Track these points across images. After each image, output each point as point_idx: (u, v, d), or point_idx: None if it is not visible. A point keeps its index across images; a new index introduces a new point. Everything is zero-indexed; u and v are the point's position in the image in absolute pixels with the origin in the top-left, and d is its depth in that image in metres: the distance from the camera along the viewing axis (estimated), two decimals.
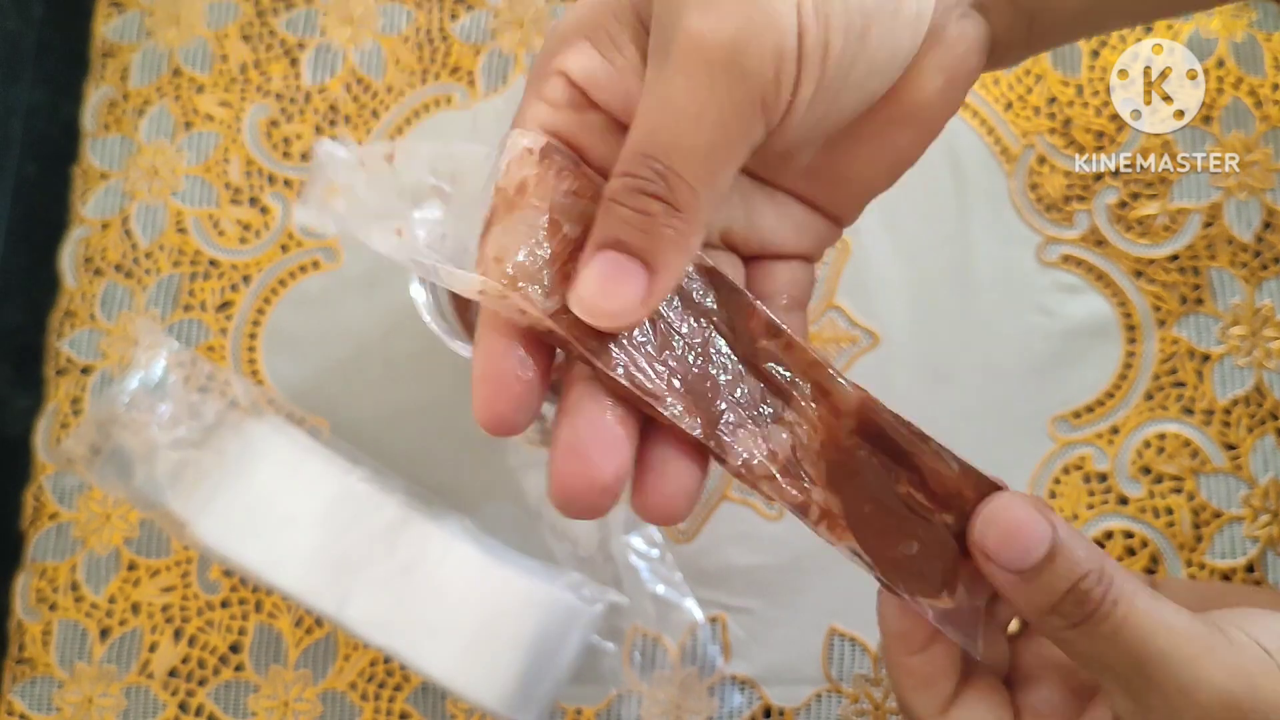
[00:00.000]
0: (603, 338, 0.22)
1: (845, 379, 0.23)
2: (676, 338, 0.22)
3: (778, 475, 0.22)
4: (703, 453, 0.22)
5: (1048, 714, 0.26)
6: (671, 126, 0.20)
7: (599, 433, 0.21)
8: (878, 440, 0.23)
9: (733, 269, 0.25)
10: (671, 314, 0.22)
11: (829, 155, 0.24)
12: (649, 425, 0.22)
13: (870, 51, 0.21)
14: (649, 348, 0.22)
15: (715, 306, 0.23)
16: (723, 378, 0.23)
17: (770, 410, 0.23)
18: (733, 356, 0.23)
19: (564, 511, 0.21)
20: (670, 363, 0.22)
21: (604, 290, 0.21)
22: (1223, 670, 0.22)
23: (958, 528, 0.24)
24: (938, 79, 0.23)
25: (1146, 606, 0.23)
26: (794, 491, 0.23)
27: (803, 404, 0.23)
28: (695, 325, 0.23)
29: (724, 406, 0.22)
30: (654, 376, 0.22)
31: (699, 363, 0.22)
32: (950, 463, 0.23)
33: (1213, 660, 0.22)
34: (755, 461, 0.22)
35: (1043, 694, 0.27)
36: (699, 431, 0.22)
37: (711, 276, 0.23)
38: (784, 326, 0.23)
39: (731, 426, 0.22)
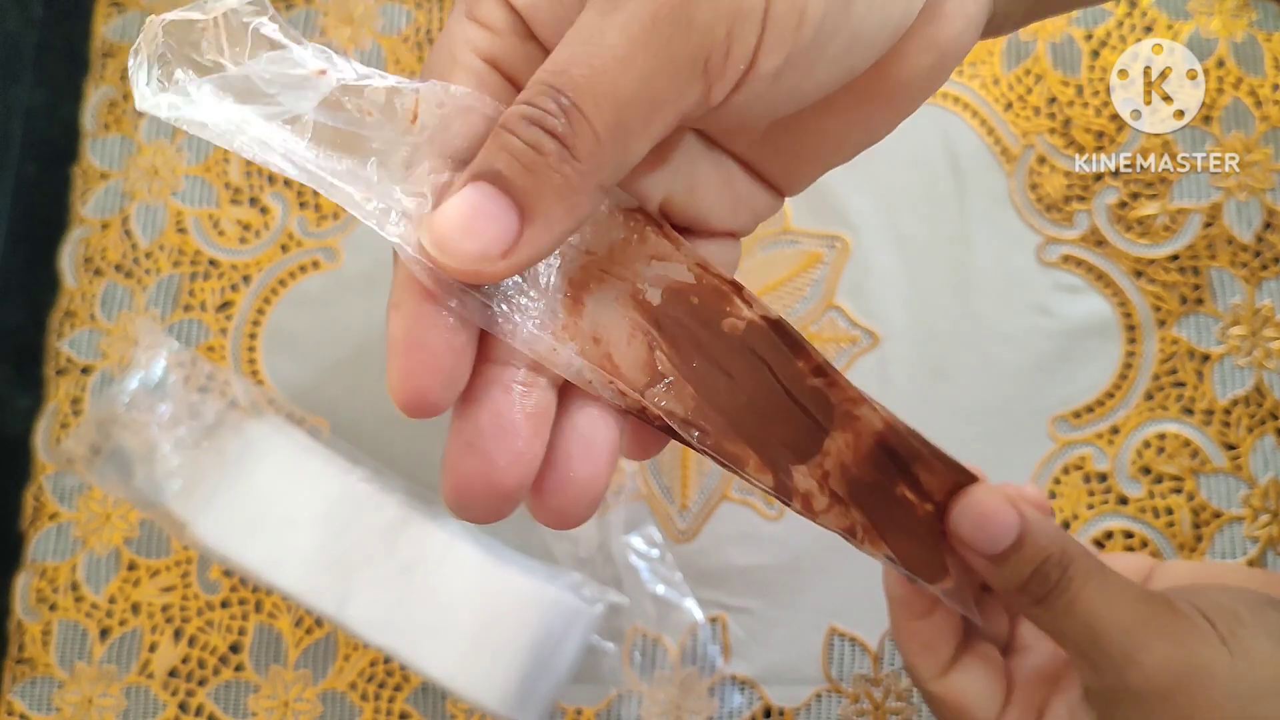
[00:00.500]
0: (689, 412, 0.21)
1: (873, 406, 0.23)
2: (734, 387, 0.22)
3: (829, 508, 0.23)
4: (618, 439, 0.21)
5: (1034, 680, 0.29)
6: (592, 63, 0.17)
7: (505, 428, 0.19)
8: (888, 453, 0.24)
9: None
10: (734, 360, 0.22)
11: (790, 126, 0.21)
12: (560, 412, 0.20)
13: (855, 22, 0.18)
14: (718, 405, 0.21)
15: (771, 351, 0.22)
16: (777, 421, 0.22)
17: (812, 443, 0.23)
18: (782, 395, 0.22)
19: (458, 514, 0.19)
20: (740, 416, 0.22)
21: (464, 226, 0.17)
22: (1164, 639, 0.25)
23: (938, 512, 0.26)
24: (927, 56, 0.20)
25: (1099, 584, 0.25)
26: (842, 518, 0.23)
27: (835, 433, 0.23)
28: (749, 367, 0.22)
29: (777, 450, 0.22)
30: (733, 437, 0.21)
31: (760, 409, 0.22)
32: (936, 462, 0.25)
33: (1155, 629, 0.25)
34: (813, 498, 0.23)
35: (1032, 661, 0.29)
36: (772, 484, 0.22)
37: (778, 328, 0.22)
38: (831, 369, 0.23)
39: (787, 467, 0.23)
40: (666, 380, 0.21)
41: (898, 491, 0.24)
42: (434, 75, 0.19)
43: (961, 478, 0.25)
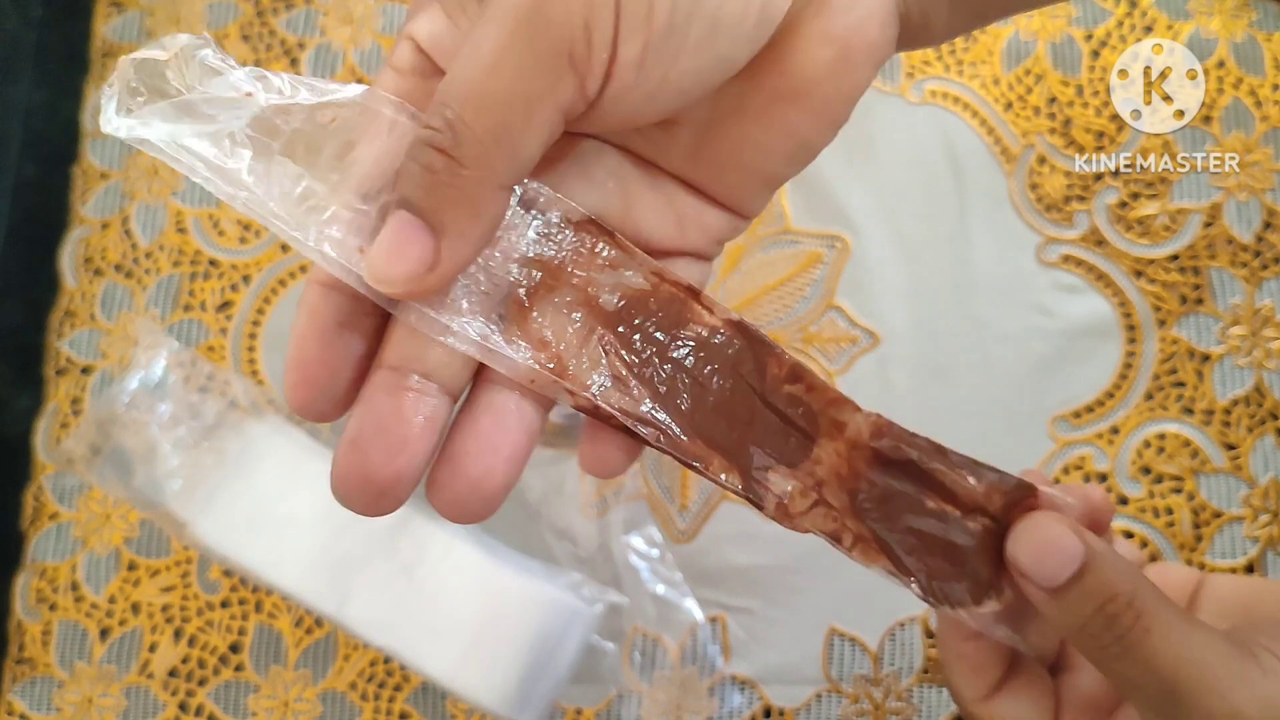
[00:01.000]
0: (644, 413, 0.22)
1: (858, 409, 0.23)
2: (699, 392, 0.22)
3: (813, 507, 0.23)
4: (526, 442, 0.22)
5: (1083, 707, 0.27)
6: (468, 73, 0.18)
7: (387, 427, 0.20)
8: (895, 466, 0.23)
9: None
10: (697, 364, 0.22)
11: (715, 135, 0.22)
12: (466, 413, 0.21)
13: (710, 7, 0.19)
14: (680, 408, 0.22)
15: (737, 354, 0.23)
16: (743, 426, 0.23)
17: (796, 450, 0.23)
18: (755, 404, 0.23)
19: (342, 504, 0.21)
20: (699, 415, 0.22)
21: (389, 253, 0.19)
22: (1253, 702, 0.22)
23: (996, 529, 0.24)
24: (826, 50, 0.20)
25: (1179, 634, 0.23)
26: (827, 522, 0.23)
27: (823, 440, 0.23)
28: (715, 371, 0.23)
29: (754, 452, 0.23)
30: (694, 438, 0.22)
31: (728, 412, 0.22)
32: (969, 477, 0.24)
33: (1243, 691, 0.22)
34: (791, 503, 0.23)
35: (1082, 683, 0.28)
36: (738, 485, 0.22)
37: (741, 330, 0.23)
38: (806, 371, 0.23)
39: (763, 471, 0.23)
40: (622, 382, 0.22)
41: (928, 504, 0.24)
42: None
43: (1015, 492, 0.24)
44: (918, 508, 0.23)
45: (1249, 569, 0.41)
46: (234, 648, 0.43)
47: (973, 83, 0.45)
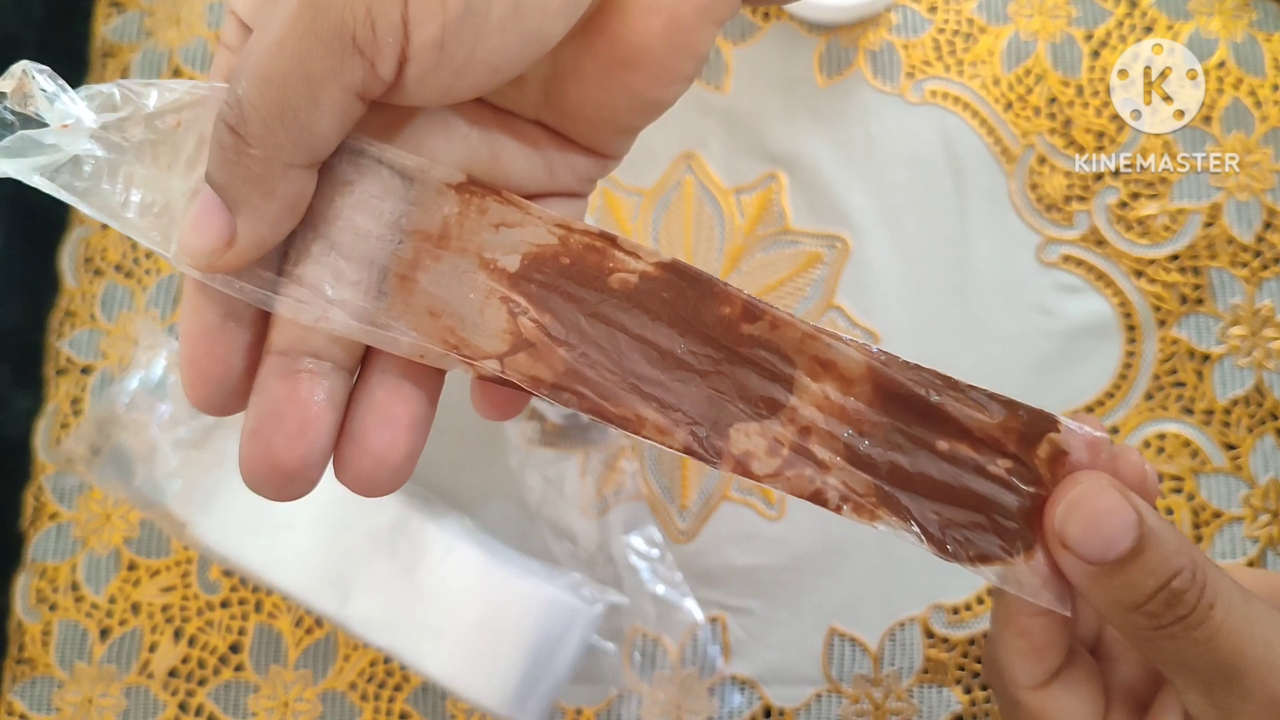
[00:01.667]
0: (559, 376, 0.20)
1: (848, 341, 0.21)
2: (637, 347, 0.21)
3: (783, 466, 0.21)
4: (427, 407, 0.21)
5: (1126, 700, 0.25)
6: (255, 52, 0.18)
7: (285, 412, 0.20)
8: (900, 400, 0.21)
9: None
10: (623, 317, 0.21)
11: (559, 92, 0.22)
12: (360, 387, 0.21)
13: None
14: (607, 367, 0.21)
15: (676, 298, 0.21)
16: (698, 379, 0.21)
17: (766, 399, 0.21)
18: (709, 352, 0.21)
19: (257, 493, 0.20)
20: (636, 373, 0.21)
21: (192, 228, 0.19)
22: None
23: (1027, 475, 0.22)
24: (654, 19, 0.20)
25: (1244, 612, 0.22)
26: (804, 482, 0.21)
27: (804, 383, 0.21)
28: (653, 322, 0.21)
29: (706, 409, 0.21)
30: (622, 399, 0.20)
31: (672, 365, 0.21)
32: (987, 406, 0.22)
33: None
34: (753, 460, 0.21)
35: (1123, 676, 0.26)
36: (680, 444, 0.20)
37: (675, 270, 0.21)
38: (766, 306, 0.21)
39: (720, 427, 0.21)
40: (533, 347, 0.20)
41: (939, 445, 0.21)
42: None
43: (1034, 424, 0.21)
44: (928, 449, 0.21)
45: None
46: (234, 648, 0.43)
47: (973, 83, 0.45)
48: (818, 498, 0.21)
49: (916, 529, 0.21)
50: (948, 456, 0.21)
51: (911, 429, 0.21)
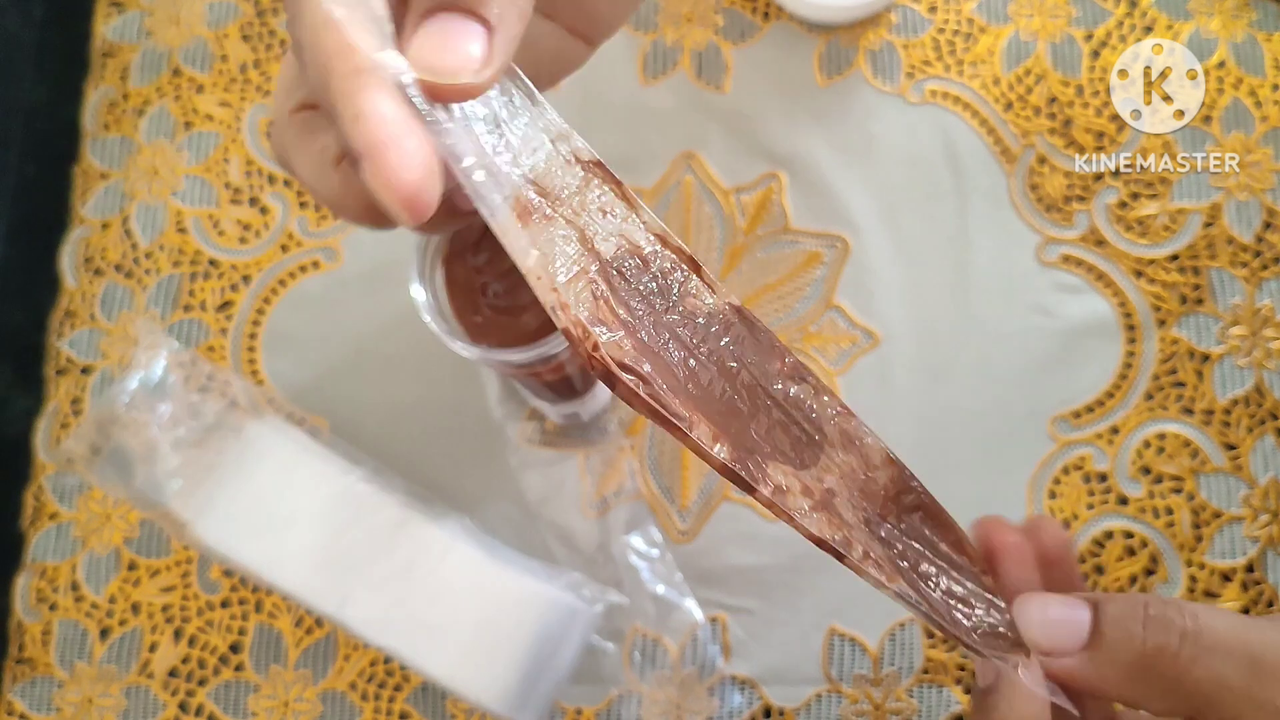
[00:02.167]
0: (630, 358, 0.20)
1: (870, 431, 0.22)
2: (694, 366, 0.21)
3: (815, 507, 0.22)
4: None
5: None
6: None
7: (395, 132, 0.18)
8: (911, 497, 0.22)
9: None
10: (686, 336, 0.21)
11: None
12: None
13: None
14: (669, 369, 0.21)
15: (737, 340, 0.22)
16: (743, 415, 0.21)
17: (802, 452, 0.22)
18: (757, 397, 0.22)
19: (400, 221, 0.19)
20: (697, 391, 0.21)
21: (443, 46, 0.19)
22: None
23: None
24: None
25: (1212, 611, 0.23)
26: (835, 528, 0.21)
27: (832, 451, 0.22)
28: (714, 351, 0.21)
29: (756, 437, 0.21)
30: (680, 400, 0.20)
31: (727, 391, 0.21)
32: (952, 523, 0.23)
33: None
34: (788, 495, 0.21)
35: None
36: (727, 456, 0.21)
37: (740, 314, 0.22)
38: (810, 372, 0.22)
39: (762, 458, 0.21)
40: (608, 327, 0.20)
41: (941, 547, 0.23)
42: None
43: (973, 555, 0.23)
44: (933, 547, 0.22)
45: (1249, 569, 0.41)
46: (234, 648, 0.43)
47: (973, 83, 0.45)
48: (846, 545, 0.21)
49: (925, 608, 0.22)
50: (947, 558, 0.23)
51: (923, 523, 0.23)
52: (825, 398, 0.22)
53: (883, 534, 0.22)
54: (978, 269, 0.44)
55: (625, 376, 0.20)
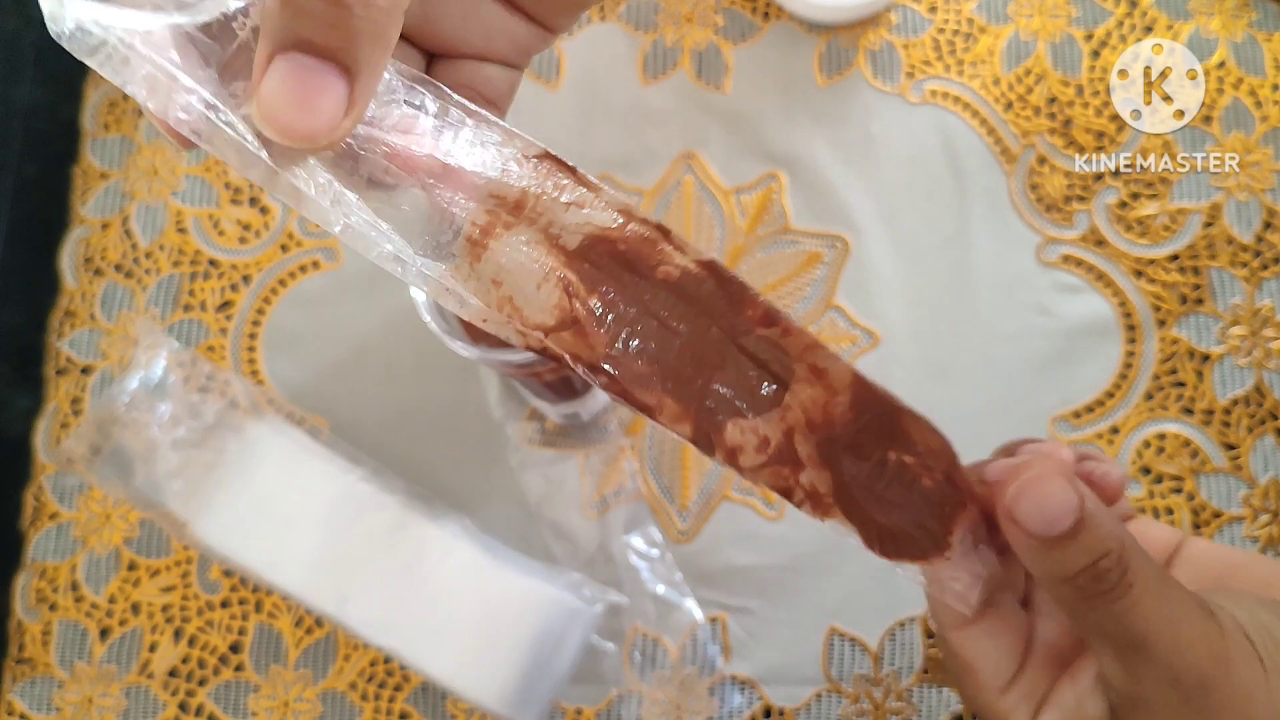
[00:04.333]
0: (596, 356, 0.22)
1: (838, 356, 0.23)
2: (667, 336, 0.22)
3: (767, 462, 0.23)
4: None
5: (1047, 654, 0.28)
6: None
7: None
8: (869, 410, 0.23)
9: (408, 64, 0.22)
10: (660, 306, 0.22)
11: None
12: None
13: None
14: (639, 352, 0.22)
15: (709, 296, 0.23)
16: (711, 371, 0.23)
17: (766, 395, 0.23)
18: (727, 348, 0.23)
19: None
20: (662, 361, 0.22)
21: (299, 103, 0.17)
22: (1209, 657, 0.24)
23: (949, 483, 0.24)
24: None
25: (1157, 592, 0.24)
26: (779, 479, 0.23)
27: (797, 386, 0.23)
28: (686, 314, 0.22)
29: (719, 397, 0.22)
30: (647, 384, 0.22)
31: (695, 355, 0.22)
32: (928, 429, 0.24)
33: (1202, 648, 0.24)
34: (741, 453, 0.23)
35: (1046, 632, 0.28)
36: (688, 433, 0.22)
37: (710, 269, 0.22)
38: (782, 315, 0.23)
39: (721, 419, 0.22)
40: (578, 324, 0.22)
41: (891, 457, 0.24)
42: None
43: (945, 451, 0.24)
44: (881, 458, 0.24)
45: None
46: (234, 648, 0.43)
47: (973, 83, 0.45)
48: (787, 493, 0.23)
49: (857, 532, 0.24)
50: (894, 466, 0.24)
51: (872, 436, 0.24)
52: (796, 337, 0.23)
53: (833, 455, 0.23)
54: (978, 269, 0.44)
55: (595, 374, 0.22)
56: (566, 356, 0.22)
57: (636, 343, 0.22)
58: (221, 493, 0.40)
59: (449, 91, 0.21)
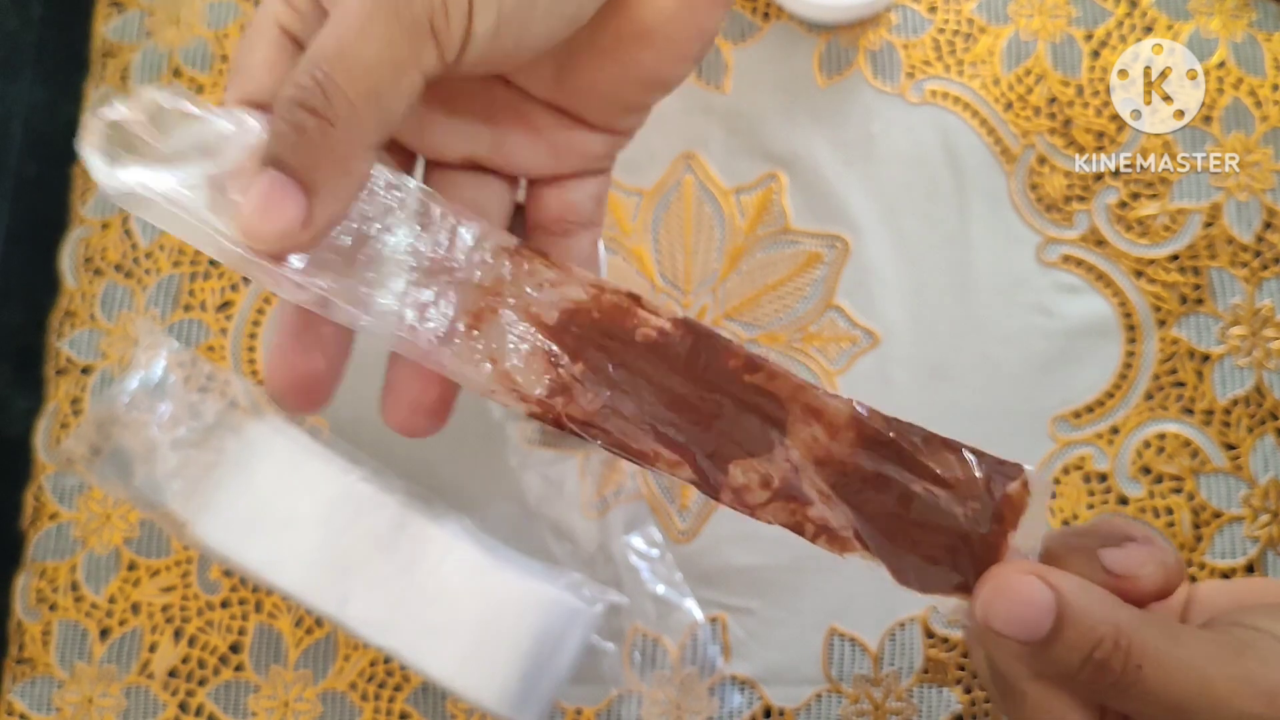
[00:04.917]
0: (589, 415, 0.23)
1: (833, 394, 0.24)
2: (655, 392, 0.23)
3: (772, 498, 0.23)
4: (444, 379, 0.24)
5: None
6: (338, 38, 0.20)
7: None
8: (880, 447, 0.24)
9: (498, 195, 0.25)
10: (644, 365, 0.23)
11: (573, 68, 0.23)
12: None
13: None
14: (630, 408, 0.23)
15: (690, 351, 0.24)
16: (706, 421, 0.24)
17: (763, 439, 0.24)
18: (716, 398, 0.24)
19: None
20: (654, 414, 0.23)
21: (263, 211, 0.20)
22: (1259, 699, 0.22)
23: (985, 513, 0.24)
24: (667, 0, 0.22)
25: (1171, 660, 0.22)
26: (787, 514, 0.23)
27: (796, 428, 0.24)
28: (671, 369, 0.24)
29: (720, 445, 0.23)
30: (640, 437, 0.23)
31: (687, 409, 0.24)
32: (954, 459, 0.24)
33: (1247, 691, 0.22)
34: (747, 492, 0.23)
35: None
36: (687, 477, 0.23)
37: (689, 327, 0.24)
38: (764, 360, 0.24)
39: (721, 463, 0.23)
40: (566, 390, 0.23)
41: (914, 488, 0.23)
42: (243, 46, 0.23)
43: (996, 469, 0.24)
44: (904, 492, 0.23)
45: (1249, 569, 0.41)
46: (234, 648, 0.43)
47: (973, 83, 0.45)
48: (798, 529, 0.24)
49: (885, 566, 0.23)
50: (920, 498, 0.24)
51: (890, 472, 0.24)
52: (782, 381, 0.24)
53: (846, 492, 0.23)
54: (978, 269, 0.44)
55: (590, 431, 0.23)
56: (564, 419, 0.23)
57: (626, 401, 0.23)
58: (221, 493, 0.40)
59: (431, 191, 0.23)
